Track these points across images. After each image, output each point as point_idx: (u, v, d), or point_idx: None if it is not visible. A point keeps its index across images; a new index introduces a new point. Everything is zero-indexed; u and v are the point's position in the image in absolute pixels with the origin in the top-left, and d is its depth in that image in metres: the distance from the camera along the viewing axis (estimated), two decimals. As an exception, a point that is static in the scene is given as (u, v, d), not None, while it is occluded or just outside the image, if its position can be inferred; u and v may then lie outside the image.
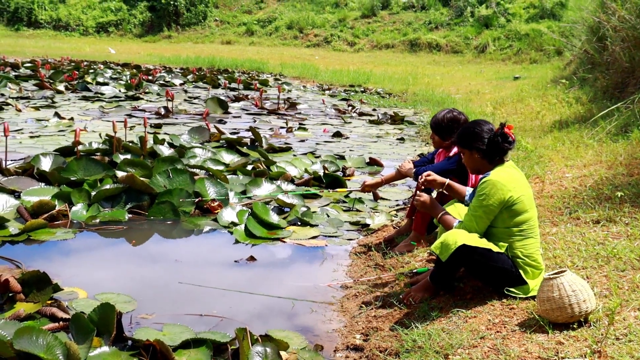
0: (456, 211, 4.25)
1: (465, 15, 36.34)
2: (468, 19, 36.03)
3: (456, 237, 3.73)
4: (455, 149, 5.14)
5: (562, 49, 21.19)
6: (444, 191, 4.47)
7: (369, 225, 6.29)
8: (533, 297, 3.68)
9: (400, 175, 5.55)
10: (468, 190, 4.36)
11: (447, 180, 4.41)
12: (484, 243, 3.76)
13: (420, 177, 4.46)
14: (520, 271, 3.80)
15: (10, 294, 4.12)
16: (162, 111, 13.21)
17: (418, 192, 4.41)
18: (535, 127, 9.86)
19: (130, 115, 12.67)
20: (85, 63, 25.07)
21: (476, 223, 3.83)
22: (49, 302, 4.09)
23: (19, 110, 12.53)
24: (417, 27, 37.17)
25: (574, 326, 3.27)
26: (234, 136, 10.21)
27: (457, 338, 3.45)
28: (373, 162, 9.04)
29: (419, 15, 38.71)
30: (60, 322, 3.79)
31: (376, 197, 7.15)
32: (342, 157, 9.23)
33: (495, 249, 3.77)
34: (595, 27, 11.61)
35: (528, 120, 10.92)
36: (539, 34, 30.09)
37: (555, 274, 3.41)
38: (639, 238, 4.35)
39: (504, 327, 3.47)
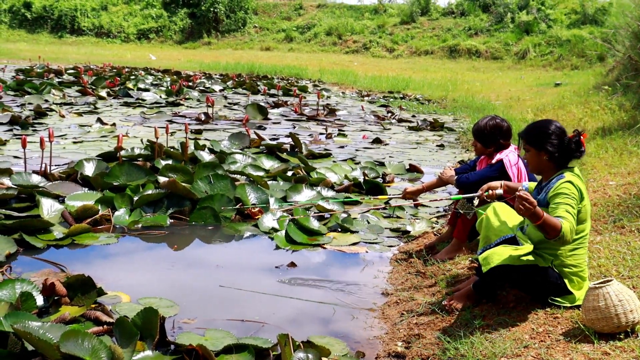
0: (492, 212, 4.18)
1: (506, 21, 36.08)
2: (508, 24, 35.77)
3: (501, 255, 3.67)
4: (498, 156, 5.10)
5: (604, 55, 20.90)
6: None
7: (409, 232, 6.27)
8: (578, 307, 3.63)
9: (441, 182, 5.52)
10: (523, 185, 4.30)
11: (502, 182, 4.37)
12: (529, 259, 3.69)
13: (481, 189, 4.37)
14: (566, 280, 3.74)
15: (56, 298, 4.18)
16: (203, 117, 13.33)
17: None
18: (578, 129, 9.71)
19: (171, 121, 12.81)
20: (126, 69, 25.42)
21: (570, 212, 3.58)
22: (93, 305, 4.15)
23: (63, 116, 12.76)
24: (456, 33, 37.01)
25: (621, 336, 3.22)
26: (274, 142, 10.25)
27: (500, 347, 3.42)
28: (413, 169, 9.00)
29: (458, 21, 38.56)
30: (105, 326, 3.84)
31: (417, 204, 7.12)
32: (381, 164, 9.21)
33: (541, 263, 3.71)
34: (639, 33, 11.44)
35: (570, 127, 10.77)
36: (581, 39, 29.74)
37: (601, 283, 3.36)
38: (686, 247, 4.27)
39: (548, 337, 3.43)
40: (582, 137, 3.80)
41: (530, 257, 3.71)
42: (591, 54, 26.93)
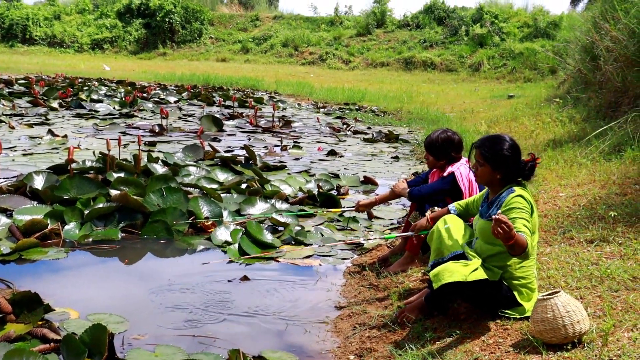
0: (443, 224, 4.21)
1: (460, 34, 36.56)
2: (463, 37, 36.25)
3: (452, 272, 3.68)
4: (449, 169, 5.14)
5: (556, 67, 21.32)
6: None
7: (363, 244, 6.28)
8: (527, 318, 3.66)
9: (394, 194, 5.55)
10: (452, 208, 4.38)
11: (427, 216, 4.51)
12: (478, 275, 3.71)
13: (411, 228, 4.50)
14: (515, 293, 3.78)
15: (1, 315, 4.08)
16: (157, 129, 13.20)
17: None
18: (529, 146, 9.87)
19: (124, 133, 12.66)
20: (79, 80, 25.07)
21: (526, 223, 3.63)
22: (40, 322, 4.07)
23: (12, 128, 12.52)
24: (412, 46, 37.36)
25: (568, 347, 3.26)
26: (229, 154, 10.20)
27: (451, 359, 3.43)
28: (367, 181, 9.03)
29: (413, 34, 38.92)
30: (52, 344, 3.76)
31: (370, 216, 7.15)
32: (336, 176, 9.22)
33: (490, 277, 3.74)
34: (588, 47, 11.68)
35: (522, 139, 10.93)
36: (533, 52, 30.29)
37: (549, 294, 3.40)
38: (632, 258, 4.35)
39: (498, 348, 3.46)
40: (536, 162, 3.87)
41: (481, 272, 3.73)
42: (543, 66, 27.46)
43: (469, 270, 3.70)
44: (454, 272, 3.68)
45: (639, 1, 8.84)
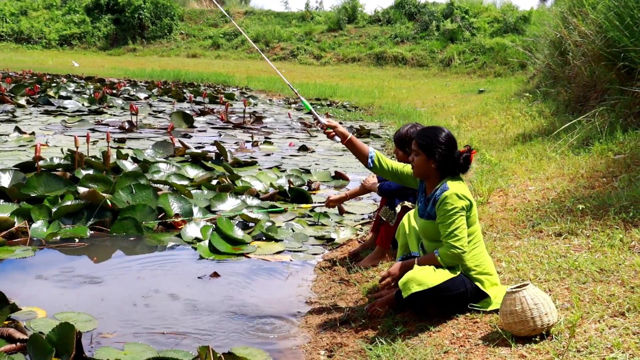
0: (407, 220, 4.29)
1: (431, 29, 36.71)
2: (433, 32, 36.41)
3: (420, 281, 3.70)
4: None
5: (525, 62, 21.48)
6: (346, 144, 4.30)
7: (334, 239, 6.28)
8: (496, 311, 3.69)
9: (364, 189, 5.56)
10: (370, 151, 4.28)
11: (350, 135, 4.29)
12: (442, 276, 3.75)
13: (322, 126, 4.33)
14: (477, 283, 3.81)
15: (-34, 315, 4.03)
16: (126, 125, 13.09)
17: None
18: (499, 140, 9.94)
19: (93, 130, 12.53)
20: (47, 76, 24.76)
21: (460, 232, 3.75)
22: (6, 322, 4.01)
23: (-21, 125, 12.34)
24: (383, 41, 37.44)
25: (537, 339, 3.28)
26: (199, 150, 10.15)
27: (421, 353, 3.44)
28: (339, 176, 9.03)
29: (384, 29, 39.00)
30: (18, 343, 3.70)
31: (341, 212, 7.15)
32: (307, 171, 9.21)
33: (452, 274, 3.78)
34: (557, 42, 11.79)
35: (492, 133, 11.02)
36: (503, 47, 30.52)
37: (518, 287, 3.42)
38: (599, 250, 4.39)
39: (468, 341, 3.47)
40: (471, 154, 3.90)
41: (446, 273, 3.77)
42: (513, 61, 27.66)
43: (437, 277, 3.73)
44: (422, 281, 3.70)
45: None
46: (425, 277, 3.73)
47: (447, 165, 3.88)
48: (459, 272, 3.81)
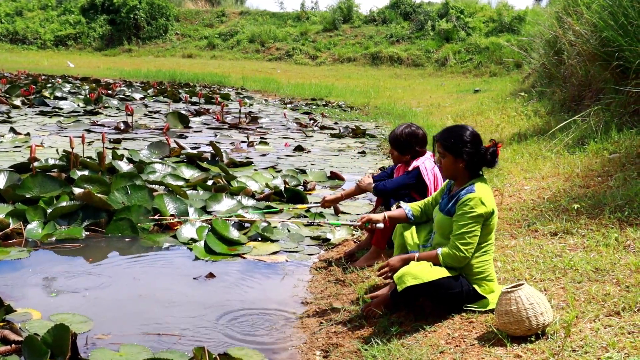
0: (410, 234, 4.25)
1: (426, 29, 36.74)
2: (429, 32, 36.44)
3: (415, 275, 3.70)
4: (414, 163, 5.16)
5: (521, 62, 21.48)
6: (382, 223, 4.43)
7: (329, 240, 6.28)
8: (492, 311, 3.69)
9: (360, 190, 5.55)
10: (406, 208, 4.34)
11: (385, 214, 4.38)
12: (440, 273, 3.75)
13: (359, 219, 4.51)
14: (475, 286, 3.80)
15: (-39, 317, 4.02)
16: (122, 126, 13.08)
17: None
18: (495, 139, 9.92)
19: (88, 131, 12.52)
20: (43, 77, 24.74)
21: (471, 238, 3.74)
22: (1, 324, 3.99)
23: (-26, 126, 12.31)
24: (378, 41, 37.46)
25: (532, 339, 3.28)
26: (195, 151, 10.14)
27: (416, 353, 3.44)
28: (334, 176, 9.03)
29: (380, 29, 39.02)
30: (13, 345, 3.70)
31: (337, 212, 7.14)
32: (303, 172, 9.21)
33: (451, 272, 3.77)
34: (552, 42, 11.80)
35: (488, 133, 11.01)
36: (499, 47, 30.53)
37: (513, 287, 3.42)
38: (595, 250, 4.40)
39: (463, 341, 3.48)
40: (497, 147, 3.87)
41: (442, 271, 3.77)
42: (508, 61, 27.67)
43: (432, 273, 3.73)
44: (417, 275, 3.69)
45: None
46: (421, 272, 3.72)
47: (475, 162, 3.85)
48: (457, 273, 3.80)
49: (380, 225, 4.39)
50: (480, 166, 3.88)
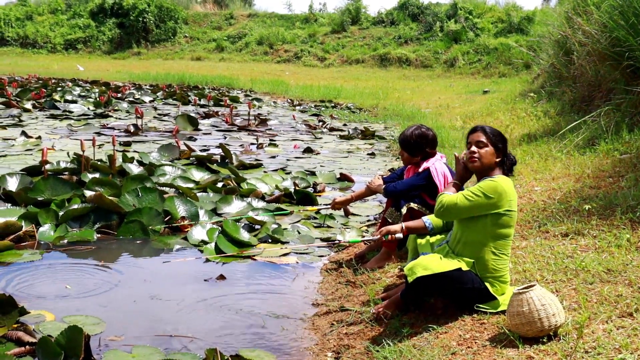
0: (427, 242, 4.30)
1: (435, 30, 36.68)
2: (437, 33, 36.38)
3: (426, 266, 3.73)
4: (424, 165, 5.16)
5: (530, 62, 21.45)
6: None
7: (340, 241, 6.28)
8: (503, 312, 3.68)
9: (370, 191, 5.56)
10: (426, 221, 4.38)
11: (402, 225, 4.47)
12: (451, 265, 3.76)
13: (379, 232, 4.60)
14: (487, 284, 3.80)
15: (-25, 319, 4.04)
16: (132, 129, 13.11)
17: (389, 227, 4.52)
18: (504, 140, 9.91)
19: (99, 134, 12.56)
20: (53, 81, 24.84)
21: (461, 200, 3.81)
22: (15, 325, 4.02)
23: (-15, 130, 12.37)
24: (386, 42, 37.41)
25: (544, 340, 3.28)
26: (204, 153, 10.16)
27: (428, 354, 3.44)
28: (344, 178, 9.04)
29: (388, 30, 38.97)
30: (27, 347, 3.72)
31: (347, 213, 7.15)
32: (312, 173, 9.21)
33: (463, 266, 3.77)
34: (562, 42, 11.77)
35: (497, 134, 10.98)
36: (507, 48, 30.45)
37: (525, 288, 3.42)
38: (606, 250, 4.39)
39: (475, 343, 3.47)
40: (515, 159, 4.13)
41: (454, 262, 3.78)
42: (517, 62, 27.60)
43: (443, 264, 3.74)
44: (427, 266, 3.71)
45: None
46: (432, 263, 3.76)
47: (504, 162, 4.01)
48: (468, 268, 3.80)
49: (400, 235, 4.46)
50: (507, 166, 4.02)
